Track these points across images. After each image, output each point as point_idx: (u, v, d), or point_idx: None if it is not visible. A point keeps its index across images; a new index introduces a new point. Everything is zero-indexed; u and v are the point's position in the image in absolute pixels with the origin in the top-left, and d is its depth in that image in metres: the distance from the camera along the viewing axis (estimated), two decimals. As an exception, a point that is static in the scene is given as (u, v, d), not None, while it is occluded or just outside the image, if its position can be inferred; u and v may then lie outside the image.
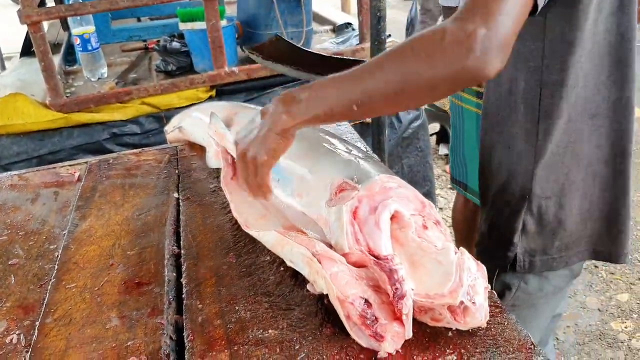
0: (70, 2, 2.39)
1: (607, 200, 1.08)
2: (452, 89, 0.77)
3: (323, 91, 0.80)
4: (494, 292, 0.89)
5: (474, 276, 0.80)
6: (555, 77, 0.97)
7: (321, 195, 0.90)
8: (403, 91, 0.75)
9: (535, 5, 0.76)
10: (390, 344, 0.78)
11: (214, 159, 1.30)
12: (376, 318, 0.78)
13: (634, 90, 1.03)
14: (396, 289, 0.77)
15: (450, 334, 0.82)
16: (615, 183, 1.07)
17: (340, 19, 3.03)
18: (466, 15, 0.71)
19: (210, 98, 2.37)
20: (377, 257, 0.80)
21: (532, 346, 0.78)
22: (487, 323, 0.81)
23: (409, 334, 0.78)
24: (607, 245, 1.12)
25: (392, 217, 0.84)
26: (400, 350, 0.78)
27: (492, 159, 1.12)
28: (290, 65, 1.02)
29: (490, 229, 1.14)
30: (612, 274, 2.60)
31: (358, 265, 0.83)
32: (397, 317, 0.78)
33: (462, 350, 0.79)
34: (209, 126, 1.18)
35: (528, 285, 1.12)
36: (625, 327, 2.30)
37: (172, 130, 1.52)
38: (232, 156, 1.17)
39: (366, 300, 0.79)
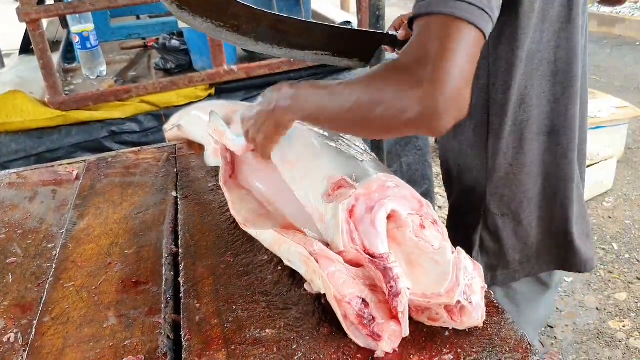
0: (69, 0, 2.39)
1: (567, 212, 1.05)
2: (403, 135, 0.79)
3: (313, 96, 0.84)
4: (491, 292, 0.89)
5: (470, 275, 0.80)
6: (500, 96, 0.95)
7: (316, 186, 0.91)
8: (357, 126, 0.79)
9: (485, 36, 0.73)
10: (388, 343, 0.78)
11: (212, 157, 1.30)
12: (373, 318, 0.78)
13: (587, 104, 1.04)
14: (391, 287, 0.78)
15: (447, 333, 0.82)
16: (577, 194, 1.05)
17: (339, 17, 3.02)
18: (414, 67, 0.69)
19: (209, 96, 2.37)
20: (372, 255, 0.80)
21: (529, 346, 0.78)
22: (483, 323, 0.82)
23: (405, 332, 0.78)
24: (573, 255, 1.09)
25: (390, 217, 0.85)
26: (397, 350, 0.79)
27: (449, 172, 1.11)
28: (216, 20, 0.96)
29: (452, 240, 1.13)
30: (611, 272, 2.60)
31: (354, 263, 0.83)
32: (394, 316, 0.78)
33: (459, 350, 0.79)
34: (208, 124, 1.18)
35: (495, 294, 1.11)
36: (623, 326, 2.30)
37: (170, 129, 1.52)
38: (231, 154, 1.17)
39: (363, 300, 0.79)
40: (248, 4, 1.00)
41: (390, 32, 1.15)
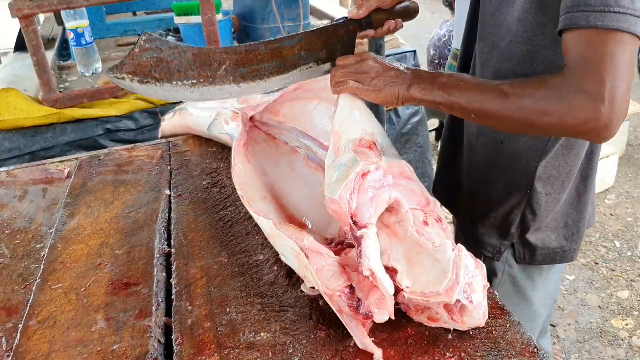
0: (64, -4, 2.35)
1: (588, 185, 1.09)
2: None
3: (454, 87, 0.87)
4: (495, 292, 0.86)
5: (471, 274, 0.77)
6: None
7: (352, 128, 0.92)
8: (515, 126, 0.85)
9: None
10: (380, 314, 0.76)
11: (220, 125, 1.27)
12: (359, 300, 0.77)
13: None
14: (359, 245, 0.77)
15: (450, 336, 0.78)
16: (593, 167, 1.09)
17: (338, 12, 2.99)
18: (593, 87, 0.74)
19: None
20: (355, 222, 0.80)
21: (536, 349, 0.75)
22: (488, 325, 0.78)
23: (389, 291, 0.76)
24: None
25: (392, 208, 0.83)
26: (398, 353, 0.75)
27: (480, 152, 1.11)
28: (177, 79, 0.93)
29: (480, 218, 1.12)
30: (613, 270, 2.57)
31: (335, 215, 0.82)
32: (373, 286, 0.76)
33: (463, 354, 0.75)
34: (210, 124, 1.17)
35: (513, 269, 1.11)
36: (626, 325, 2.27)
37: (172, 115, 1.48)
38: (252, 122, 1.15)
39: (351, 287, 0.78)
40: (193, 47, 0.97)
41: (350, 16, 1.08)
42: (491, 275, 1.14)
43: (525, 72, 0.96)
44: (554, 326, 2.28)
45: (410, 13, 1.09)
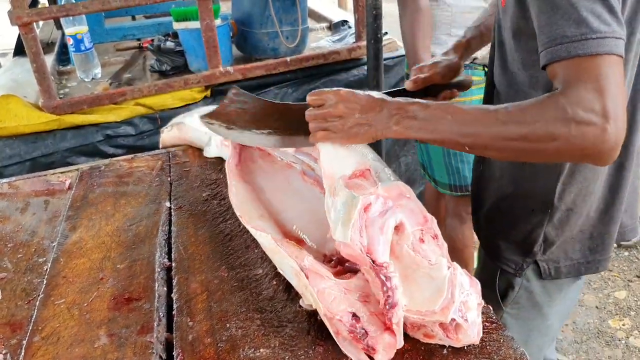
0: (63, 3, 2.36)
1: (616, 198, 1.07)
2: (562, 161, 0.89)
3: (440, 120, 0.84)
4: (489, 307, 0.88)
5: (466, 292, 0.79)
6: None
7: (346, 165, 0.91)
8: (516, 153, 0.83)
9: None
10: (383, 355, 0.77)
11: (216, 148, 1.29)
12: (366, 331, 0.77)
13: None
14: (388, 296, 0.77)
15: (445, 351, 0.80)
16: (623, 179, 1.07)
17: (336, 16, 2.99)
18: (597, 107, 0.73)
19: (205, 98, 2.34)
20: (373, 261, 0.79)
21: (528, 365, 0.77)
22: (482, 340, 0.80)
23: (400, 343, 0.77)
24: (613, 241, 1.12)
25: (396, 227, 0.83)
26: (394, 367, 0.77)
27: (495, 171, 1.10)
28: (256, 127, 1.04)
29: (502, 234, 1.12)
30: (610, 271, 2.59)
31: (349, 259, 0.82)
32: (388, 327, 0.77)
33: (457, 369, 0.77)
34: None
35: (531, 284, 1.11)
36: (623, 325, 2.29)
37: (170, 128, 1.50)
38: (240, 145, 1.17)
39: (354, 315, 0.78)
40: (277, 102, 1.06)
41: (408, 88, 1.13)
42: (508, 289, 1.14)
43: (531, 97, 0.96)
44: (552, 327, 2.30)
45: (465, 86, 1.15)
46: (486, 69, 1.69)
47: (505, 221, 1.11)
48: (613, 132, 0.73)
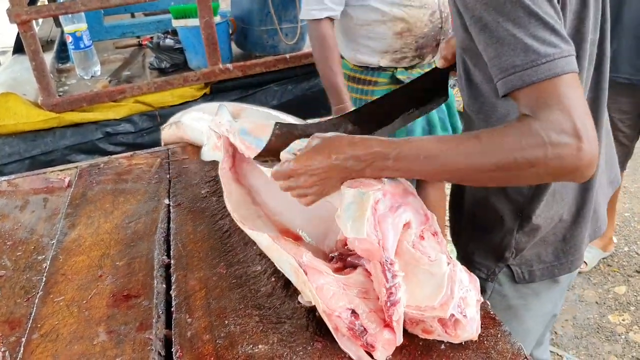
0: (61, 0, 2.36)
1: (587, 199, 1.07)
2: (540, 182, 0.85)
3: (413, 162, 0.81)
4: (487, 302, 0.88)
5: (465, 288, 0.79)
6: None
7: None
8: (498, 180, 0.82)
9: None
10: (382, 353, 0.77)
11: (211, 152, 1.29)
12: (365, 328, 0.77)
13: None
14: (391, 293, 0.77)
15: (443, 346, 0.80)
16: (592, 179, 1.06)
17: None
18: (568, 126, 0.73)
19: (205, 96, 2.35)
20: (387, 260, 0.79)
21: (526, 359, 0.77)
22: (480, 335, 0.80)
23: (399, 340, 0.77)
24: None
25: (403, 225, 0.83)
26: (392, 363, 0.77)
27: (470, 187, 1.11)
28: None
29: (476, 239, 1.12)
30: (610, 266, 2.59)
31: (362, 254, 0.80)
32: (387, 324, 0.77)
33: (455, 364, 0.77)
34: (214, 117, 1.17)
35: (503, 288, 1.11)
36: (623, 320, 2.29)
37: (169, 126, 1.50)
38: (233, 147, 1.16)
39: (353, 311, 0.78)
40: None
41: (439, 65, 1.15)
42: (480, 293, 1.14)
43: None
44: (552, 322, 2.30)
45: None
46: None
47: (478, 227, 1.11)
48: (588, 149, 0.73)
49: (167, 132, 1.52)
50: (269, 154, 0.96)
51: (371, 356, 0.78)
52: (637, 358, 2.12)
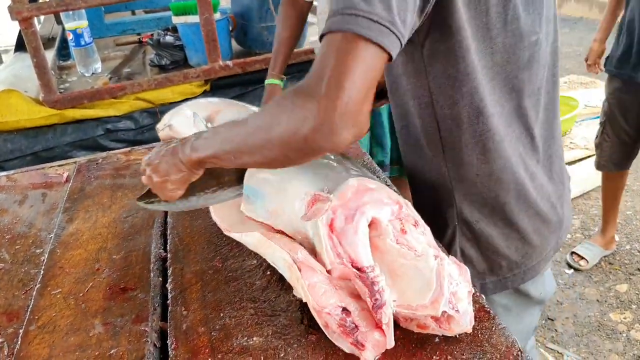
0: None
1: (542, 203, 1.03)
2: (302, 157, 0.75)
3: (216, 135, 0.82)
4: (481, 296, 0.88)
5: (455, 282, 0.78)
6: (447, 112, 0.92)
7: (297, 211, 0.86)
8: (260, 152, 0.76)
9: (390, 55, 0.71)
10: (371, 353, 0.76)
11: None
12: (356, 326, 0.77)
13: (552, 108, 1.01)
14: (376, 299, 0.75)
15: (437, 339, 0.80)
16: (542, 192, 1.03)
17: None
18: (312, 83, 0.69)
19: (205, 92, 2.35)
20: (359, 269, 0.78)
21: (520, 352, 0.77)
22: (474, 328, 0.80)
23: (390, 343, 0.76)
24: (552, 245, 1.08)
25: (370, 224, 0.82)
26: (386, 357, 0.77)
27: (416, 184, 1.09)
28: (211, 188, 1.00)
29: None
30: (611, 264, 2.58)
31: (342, 279, 0.80)
32: (379, 326, 0.76)
33: (449, 357, 0.77)
34: (192, 127, 1.17)
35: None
36: (624, 318, 2.29)
37: (162, 129, 1.50)
38: None
39: (344, 309, 0.78)
40: None
41: None
42: None
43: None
44: (552, 320, 2.30)
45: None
46: None
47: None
48: (323, 110, 0.66)
49: (163, 134, 1.52)
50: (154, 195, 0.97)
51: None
52: (638, 356, 2.11)
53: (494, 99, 0.91)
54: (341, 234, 0.79)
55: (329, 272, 0.80)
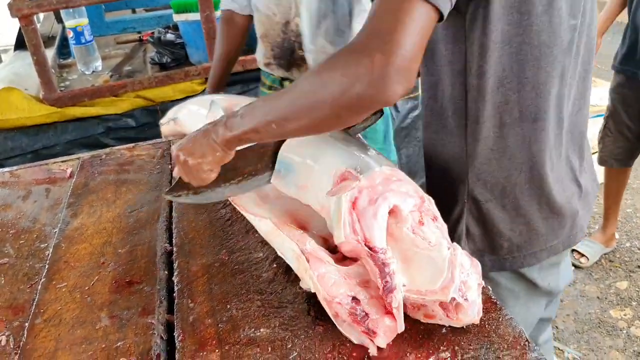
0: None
1: (558, 196, 1.03)
2: (354, 115, 0.75)
3: (253, 109, 0.82)
4: (488, 287, 0.88)
5: (466, 272, 0.79)
6: (476, 81, 0.93)
7: (325, 186, 0.88)
8: (308, 114, 0.76)
9: (441, 15, 0.72)
10: (382, 339, 0.77)
11: None
12: (366, 314, 0.77)
13: (581, 86, 1.01)
14: (386, 282, 0.76)
15: (444, 330, 0.81)
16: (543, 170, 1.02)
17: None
18: (366, 40, 0.70)
19: (206, 90, 2.35)
20: (371, 248, 0.79)
21: (527, 342, 0.77)
22: (481, 319, 0.80)
23: (401, 327, 0.77)
24: (562, 239, 1.08)
25: (391, 212, 0.83)
26: (393, 347, 0.77)
27: (431, 163, 1.09)
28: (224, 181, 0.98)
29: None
30: (612, 261, 2.59)
31: (352, 255, 0.81)
32: (388, 312, 0.77)
33: (456, 347, 0.78)
34: (207, 114, 1.17)
35: None
36: (625, 315, 2.29)
37: (167, 122, 1.50)
38: None
39: (354, 298, 0.78)
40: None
41: None
42: None
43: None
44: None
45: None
46: None
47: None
48: (379, 62, 0.67)
49: (167, 128, 1.52)
50: (182, 188, 0.97)
51: (372, 341, 0.78)
52: (638, 352, 2.12)
53: (517, 74, 0.93)
54: (362, 214, 0.79)
55: (340, 245, 0.80)
